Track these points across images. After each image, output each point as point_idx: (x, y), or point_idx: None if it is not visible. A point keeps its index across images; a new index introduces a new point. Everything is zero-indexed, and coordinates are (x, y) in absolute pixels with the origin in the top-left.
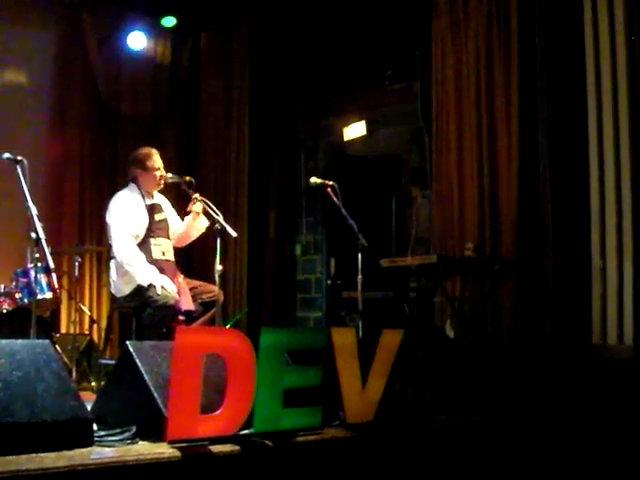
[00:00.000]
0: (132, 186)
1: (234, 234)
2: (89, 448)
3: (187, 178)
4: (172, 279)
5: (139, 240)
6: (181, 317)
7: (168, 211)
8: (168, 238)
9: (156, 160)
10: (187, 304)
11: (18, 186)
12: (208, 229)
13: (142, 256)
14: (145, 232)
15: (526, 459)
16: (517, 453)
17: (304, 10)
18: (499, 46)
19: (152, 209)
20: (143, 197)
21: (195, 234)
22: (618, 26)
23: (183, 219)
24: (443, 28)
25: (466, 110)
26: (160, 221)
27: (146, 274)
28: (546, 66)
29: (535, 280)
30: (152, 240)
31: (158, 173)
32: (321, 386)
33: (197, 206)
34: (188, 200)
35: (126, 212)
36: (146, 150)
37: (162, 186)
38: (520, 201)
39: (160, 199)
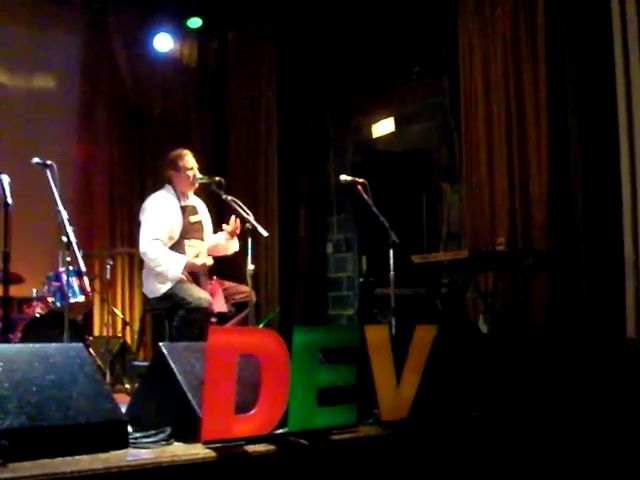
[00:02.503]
0: (168, 187)
1: (265, 234)
2: (124, 450)
3: (217, 178)
4: (205, 280)
5: (173, 241)
6: (213, 319)
7: (203, 213)
8: (202, 240)
9: (188, 160)
10: (220, 306)
11: (48, 190)
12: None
13: (166, 249)
14: (180, 233)
15: (561, 454)
16: (552, 449)
17: (331, 8)
18: (526, 38)
19: (186, 211)
20: (178, 198)
21: (221, 253)
22: None
23: (216, 232)
24: (470, 22)
25: (495, 104)
26: (194, 223)
27: (175, 265)
28: (575, 56)
29: (568, 274)
30: (186, 242)
31: (191, 173)
32: (355, 384)
33: (231, 224)
34: (219, 201)
35: (158, 215)
36: (179, 151)
37: (195, 186)
38: (551, 194)
39: (196, 201)
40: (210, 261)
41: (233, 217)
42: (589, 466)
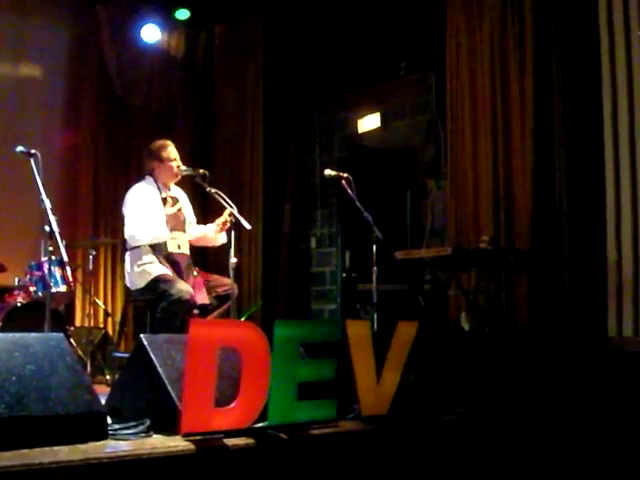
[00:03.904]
0: (148, 179)
1: (248, 227)
2: (103, 441)
3: (201, 171)
4: (187, 272)
5: None
6: (195, 311)
7: (185, 204)
8: (184, 231)
9: (171, 151)
10: (202, 298)
11: (32, 179)
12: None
13: (150, 227)
14: None
15: (541, 452)
16: (532, 446)
17: (318, 2)
18: (513, 37)
19: (167, 202)
20: (159, 190)
21: (208, 244)
22: (633, 9)
23: (205, 223)
24: (457, 18)
25: (480, 101)
26: (176, 214)
27: (158, 228)
28: (560, 56)
29: (550, 272)
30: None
31: (174, 164)
32: (336, 379)
33: (225, 218)
34: (203, 194)
35: (141, 207)
36: (161, 142)
37: (178, 177)
38: (535, 193)
39: (177, 192)
40: (179, 209)
41: (227, 212)
42: (570, 464)
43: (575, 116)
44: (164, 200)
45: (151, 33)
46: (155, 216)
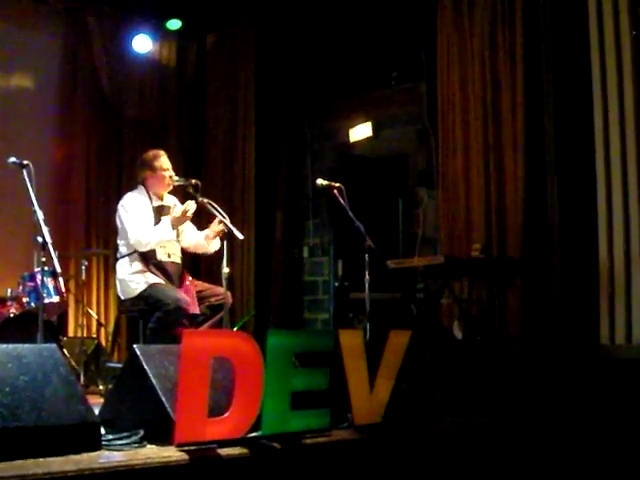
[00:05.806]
0: (140, 188)
1: (241, 237)
2: (97, 452)
3: (193, 181)
4: (179, 281)
5: None
6: (185, 321)
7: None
8: (176, 240)
9: (164, 161)
10: (192, 308)
11: (24, 190)
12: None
13: (155, 229)
14: None
15: (534, 460)
16: (525, 454)
17: (309, 12)
18: (504, 46)
19: (159, 211)
20: (151, 199)
21: (200, 251)
22: (623, 16)
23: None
24: (448, 28)
25: (472, 110)
26: None
27: (164, 230)
28: (552, 64)
29: (542, 281)
30: None
31: (167, 174)
32: (329, 388)
33: (216, 227)
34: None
35: (138, 210)
36: (154, 152)
37: (170, 187)
38: (527, 201)
39: (170, 200)
40: (193, 206)
41: (216, 220)
42: (562, 471)
43: (566, 123)
44: (159, 209)
45: (142, 43)
46: (151, 223)
